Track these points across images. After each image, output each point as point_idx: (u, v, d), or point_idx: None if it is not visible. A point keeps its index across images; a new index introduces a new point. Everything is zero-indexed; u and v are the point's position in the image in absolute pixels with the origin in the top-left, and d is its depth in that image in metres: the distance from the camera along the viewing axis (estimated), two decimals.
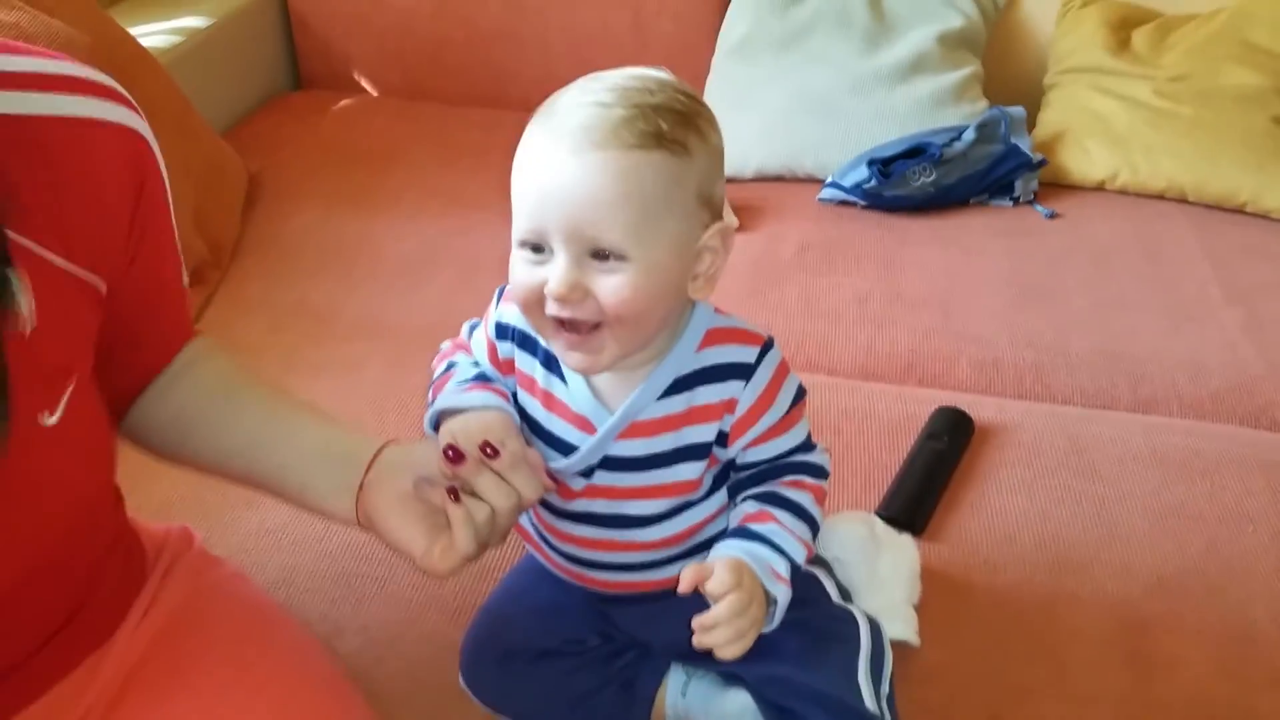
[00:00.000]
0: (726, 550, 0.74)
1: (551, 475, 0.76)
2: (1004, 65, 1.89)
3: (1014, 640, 0.97)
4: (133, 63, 1.46)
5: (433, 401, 0.78)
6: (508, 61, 1.95)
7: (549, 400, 0.77)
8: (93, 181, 0.65)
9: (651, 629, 0.86)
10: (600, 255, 0.67)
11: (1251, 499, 1.13)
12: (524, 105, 2.15)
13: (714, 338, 0.75)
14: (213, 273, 1.47)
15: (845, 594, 0.89)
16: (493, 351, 0.80)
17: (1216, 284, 1.49)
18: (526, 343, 0.77)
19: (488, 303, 0.83)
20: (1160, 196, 1.68)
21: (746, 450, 0.77)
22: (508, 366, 0.79)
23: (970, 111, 1.75)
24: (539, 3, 1.90)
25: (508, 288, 0.76)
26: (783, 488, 0.78)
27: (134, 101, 0.69)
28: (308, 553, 1.05)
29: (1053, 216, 1.66)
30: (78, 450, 0.67)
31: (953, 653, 0.95)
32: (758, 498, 0.78)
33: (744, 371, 0.75)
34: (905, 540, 1.01)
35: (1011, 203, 1.70)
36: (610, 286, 0.67)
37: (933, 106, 1.75)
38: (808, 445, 0.80)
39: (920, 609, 0.97)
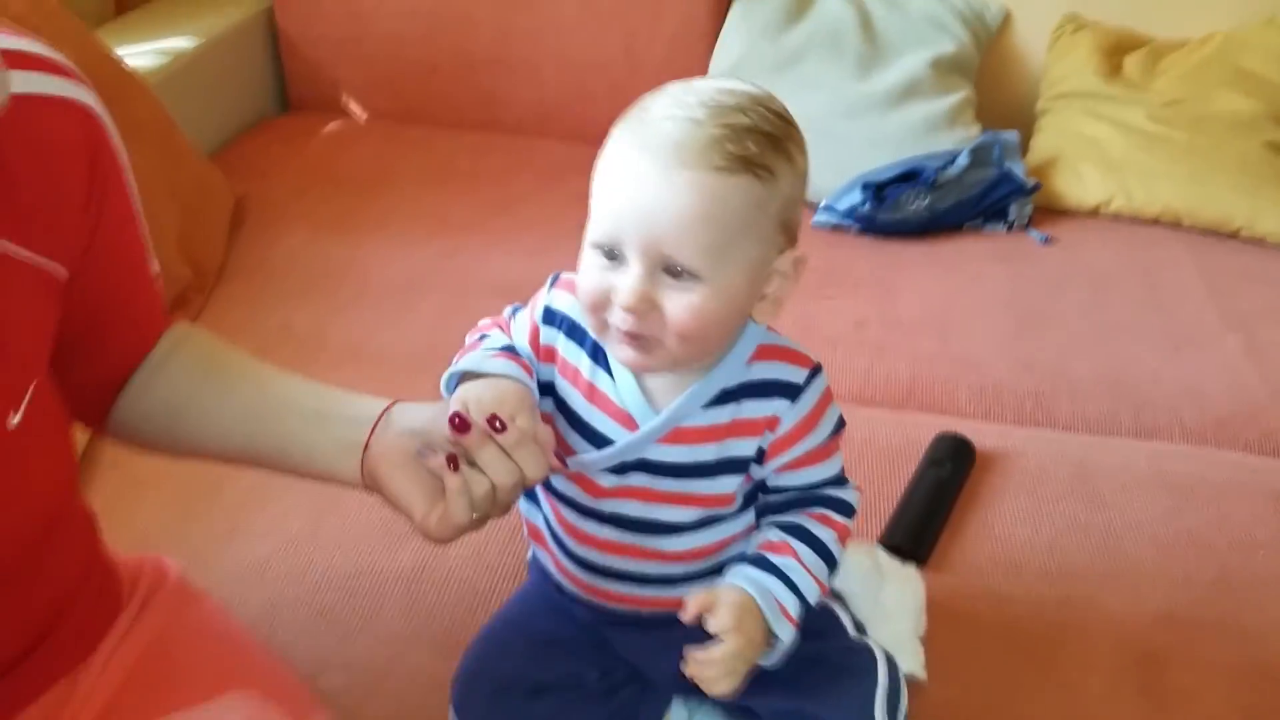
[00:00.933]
0: (738, 579, 0.73)
1: (560, 457, 0.74)
2: (996, 90, 1.88)
3: (1024, 674, 0.94)
4: (118, 84, 1.43)
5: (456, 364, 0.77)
6: (498, 86, 1.93)
7: (591, 392, 0.75)
8: (42, 160, 0.62)
9: (653, 658, 0.83)
10: (673, 271, 0.66)
11: (1260, 526, 1.11)
12: (515, 130, 2.12)
13: (764, 354, 0.74)
14: (196, 296, 1.44)
15: (860, 627, 0.87)
16: (535, 335, 0.77)
17: (1214, 309, 1.48)
18: (575, 331, 0.76)
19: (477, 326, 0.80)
20: (1155, 221, 1.68)
21: (780, 474, 0.76)
22: (548, 353, 0.77)
23: (964, 136, 1.74)
24: (530, 28, 1.88)
25: (575, 284, 0.75)
26: (809, 520, 0.77)
27: (81, 74, 0.66)
28: (291, 587, 1.01)
29: (1047, 241, 1.65)
30: (41, 451, 0.65)
31: (962, 687, 0.92)
32: (782, 526, 0.77)
33: (791, 391, 0.74)
34: (910, 571, 0.98)
35: (1006, 228, 1.69)
36: (679, 304, 0.66)
37: (926, 131, 1.74)
38: (840, 479, 0.79)
39: (926, 642, 0.94)
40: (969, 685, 0.93)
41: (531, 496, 0.83)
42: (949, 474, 1.14)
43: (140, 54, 1.68)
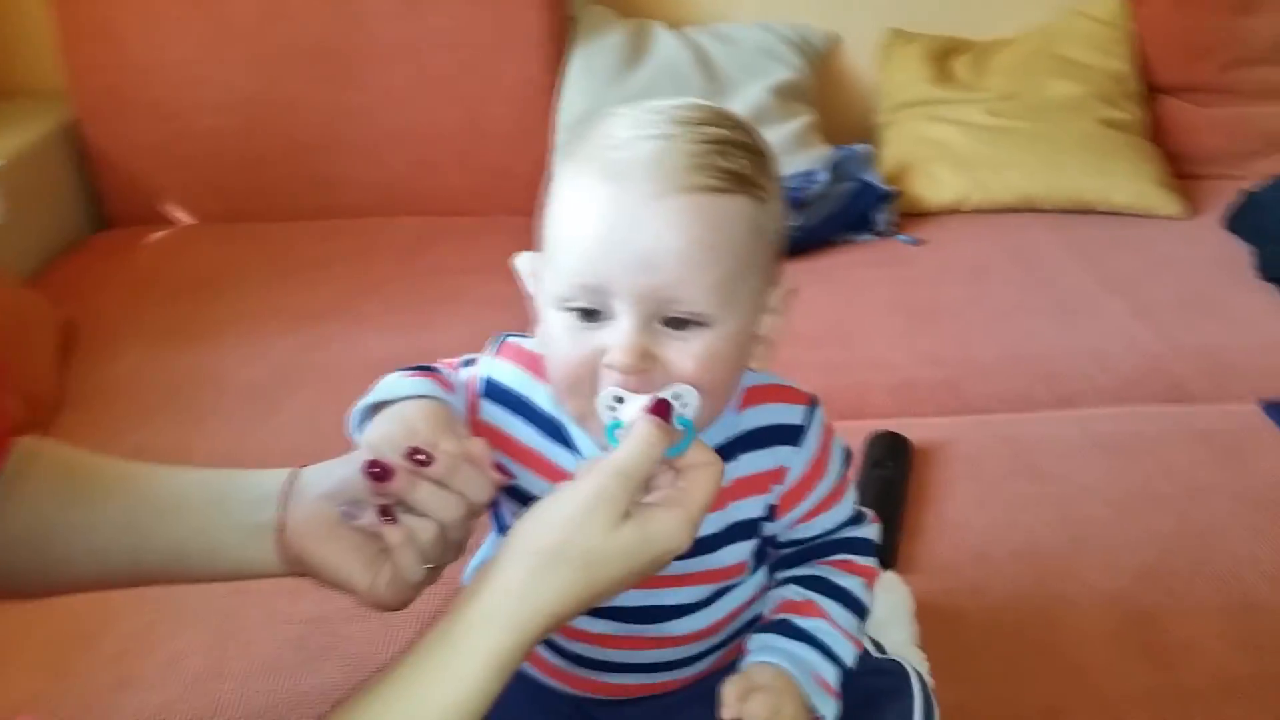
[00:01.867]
0: (768, 655, 0.64)
1: (503, 469, 0.60)
2: (836, 110, 1.91)
3: (1025, 660, 0.89)
4: None
5: None
6: (334, 170, 1.82)
7: (555, 475, 0.63)
8: None
9: None
10: (674, 321, 0.55)
11: (1202, 468, 1.10)
12: (359, 213, 1.99)
13: (754, 396, 0.64)
14: (32, 430, 1.26)
15: (878, 645, 0.78)
16: (474, 409, 0.65)
17: (1092, 279, 1.51)
18: (523, 408, 0.64)
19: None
20: (1013, 210, 1.71)
21: (795, 527, 0.67)
22: (489, 432, 0.64)
23: (815, 156, 1.75)
24: (361, 105, 1.79)
25: (524, 353, 0.64)
26: (830, 570, 0.68)
27: None
28: None
29: (917, 243, 1.66)
30: None
31: (969, 688, 0.86)
32: (801, 582, 0.68)
33: (792, 435, 0.64)
34: (892, 579, 0.92)
35: (874, 236, 1.69)
36: (686, 352, 0.55)
37: (778, 156, 1.74)
38: (857, 518, 0.70)
39: (922, 647, 0.87)
40: (976, 683, 0.87)
41: None
42: (893, 472, 1.10)
43: None
